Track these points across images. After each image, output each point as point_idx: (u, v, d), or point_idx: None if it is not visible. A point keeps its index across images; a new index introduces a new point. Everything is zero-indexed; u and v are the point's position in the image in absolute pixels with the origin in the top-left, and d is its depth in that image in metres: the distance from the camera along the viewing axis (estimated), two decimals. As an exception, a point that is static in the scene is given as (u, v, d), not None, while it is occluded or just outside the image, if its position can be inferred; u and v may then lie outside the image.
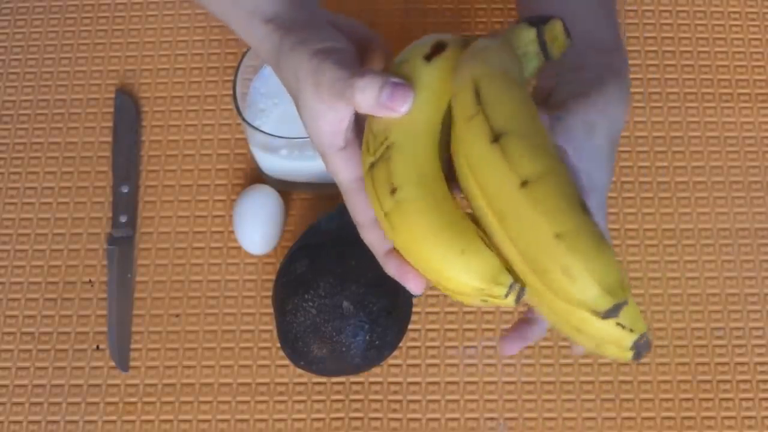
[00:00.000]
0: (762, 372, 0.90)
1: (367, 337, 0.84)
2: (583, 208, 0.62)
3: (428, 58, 0.71)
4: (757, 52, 1.01)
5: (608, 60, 0.79)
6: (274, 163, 0.91)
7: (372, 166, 0.68)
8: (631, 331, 0.65)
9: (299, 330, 0.84)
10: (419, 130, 0.69)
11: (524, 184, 0.63)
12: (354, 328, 0.84)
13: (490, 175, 0.64)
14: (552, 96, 0.75)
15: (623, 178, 0.97)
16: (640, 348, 0.66)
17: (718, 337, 0.91)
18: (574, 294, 0.60)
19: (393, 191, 0.67)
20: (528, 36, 0.72)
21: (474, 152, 0.65)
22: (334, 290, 0.84)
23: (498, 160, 0.64)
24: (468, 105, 0.66)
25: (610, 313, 0.60)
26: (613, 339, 0.65)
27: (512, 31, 0.72)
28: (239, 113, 0.88)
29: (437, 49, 0.72)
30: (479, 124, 0.65)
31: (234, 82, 0.89)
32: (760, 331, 0.92)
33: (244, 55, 0.91)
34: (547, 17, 0.72)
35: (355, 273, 0.84)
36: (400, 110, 0.68)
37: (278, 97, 0.92)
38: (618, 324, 0.65)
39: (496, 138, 0.64)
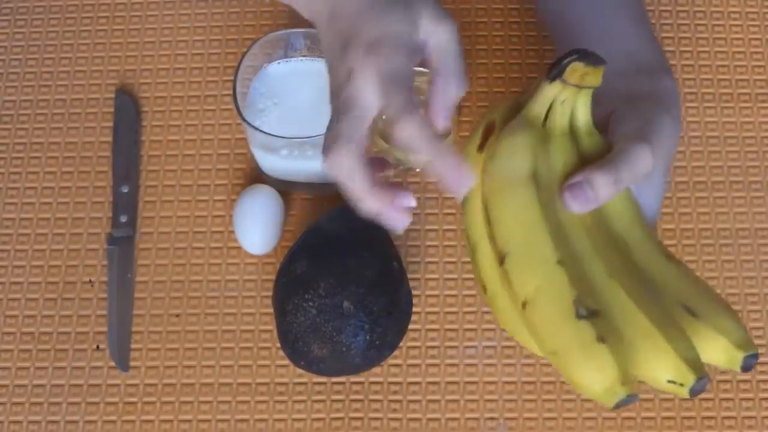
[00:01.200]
0: (762, 372, 0.90)
1: (367, 337, 0.84)
2: (575, 316, 0.69)
3: (480, 147, 0.77)
4: (757, 52, 1.01)
5: (658, 85, 0.82)
6: (274, 163, 0.91)
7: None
8: (682, 385, 0.70)
9: (299, 330, 0.84)
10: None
11: (524, 305, 0.72)
12: (354, 328, 0.84)
13: (507, 294, 0.74)
14: (612, 129, 0.79)
15: (623, 178, 0.97)
16: (697, 389, 0.71)
17: (718, 337, 0.91)
18: (583, 394, 0.70)
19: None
20: (552, 90, 0.75)
21: (496, 273, 0.75)
22: (334, 290, 0.84)
23: (505, 283, 0.73)
24: (482, 225, 0.76)
25: (620, 406, 0.68)
26: (670, 390, 0.72)
27: (535, 94, 0.75)
28: (239, 113, 0.88)
29: (486, 135, 0.77)
30: (490, 246, 0.75)
31: (234, 82, 0.89)
32: (760, 331, 0.92)
33: (243, 55, 0.91)
34: (561, 63, 0.73)
35: (355, 273, 0.84)
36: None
37: (278, 97, 0.92)
38: (669, 381, 0.71)
39: (501, 260, 0.73)
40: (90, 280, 0.94)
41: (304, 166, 0.91)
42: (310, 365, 0.86)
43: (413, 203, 0.72)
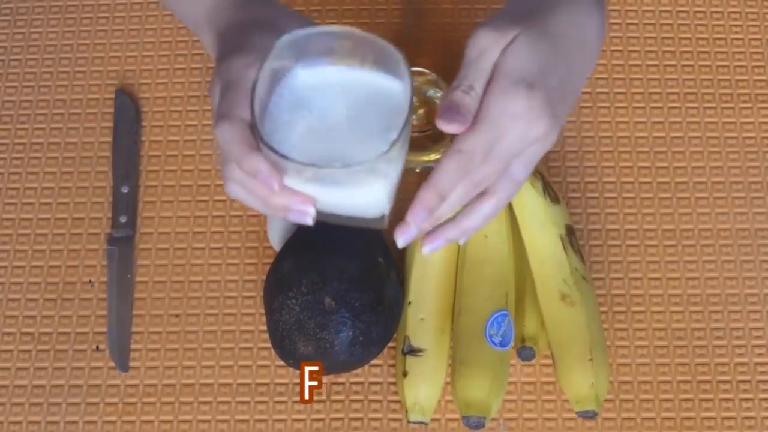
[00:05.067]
0: (762, 372, 0.90)
1: (350, 333, 0.84)
2: (402, 351, 0.87)
3: None
4: (757, 52, 1.01)
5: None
6: (296, 188, 0.73)
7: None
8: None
9: (285, 328, 0.84)
10: None
11: None
12: (336, 324, 0.83)
13: None
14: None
15: (623, 179, 0.97)
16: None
17: (718, 337, 0.91)
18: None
19: None
20: None
21: None
22: (316, 287, 0.83)
23: None
24: None
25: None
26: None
27: None
28: (254, 123, 0.70)
29: None
30: None
31: (254, 84, 0.71)
32: (760, 331, 0.91)
33: (268, 53, 0.71)
34: None
35: (337, 269, 0.84)
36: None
37: (308, 108, 0.73)
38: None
39: None
40: (90, 280, 0.94)
41: (332, 196, 0.73)
42: (298, 363, 0.86)
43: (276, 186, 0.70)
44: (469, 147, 0.69)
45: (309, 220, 0.71)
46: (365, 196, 0.73)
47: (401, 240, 0.71)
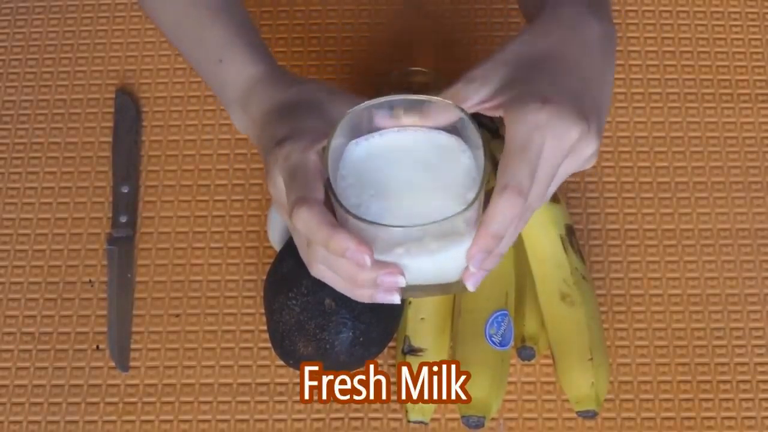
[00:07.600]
0: (762, 372, 0.90)
1: (351, 334, 0.84)
2: (402, 351, 0.87)
3: None
4: (757, 52, 1.01)
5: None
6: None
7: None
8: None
9: (285, 329, 0.84)
10: None
11: None
12: (336, 324, 0.83)
13: None
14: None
15: (623, 179, 0.97)
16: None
17: (718, 337, 0.91)
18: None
19: None
20: None
21: None
22: (316, 287, 0.83)
23: None
24: None
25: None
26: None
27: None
28: (338, 201, 0.68)
29: None
30: None
31: (325, 163, 0.69)
32: (760, 331, 0.92)
33: (330, 138, 0.69)
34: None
35: None
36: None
37: (375, 187, 0.70)
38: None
39: None
40: (90, 280, 0.94)
41: (418, 264, 0.69)
42: (298, 364, 0.86)
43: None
44: (515, 178, 0.67)
45: (396, 298, 0.69)
46: (450, 259, 0.70)
47: (471, 284, 0.70)
